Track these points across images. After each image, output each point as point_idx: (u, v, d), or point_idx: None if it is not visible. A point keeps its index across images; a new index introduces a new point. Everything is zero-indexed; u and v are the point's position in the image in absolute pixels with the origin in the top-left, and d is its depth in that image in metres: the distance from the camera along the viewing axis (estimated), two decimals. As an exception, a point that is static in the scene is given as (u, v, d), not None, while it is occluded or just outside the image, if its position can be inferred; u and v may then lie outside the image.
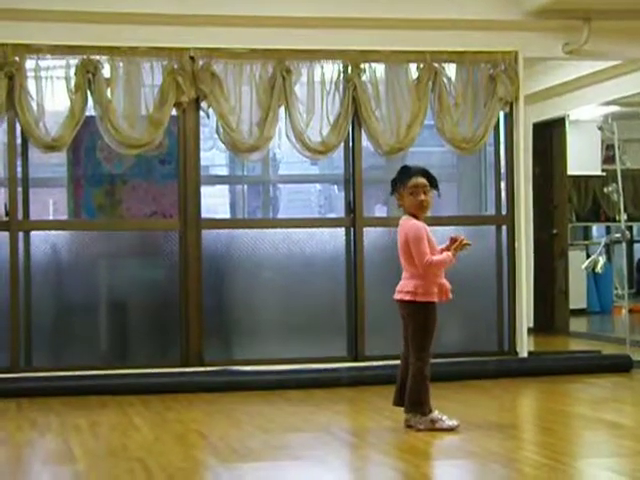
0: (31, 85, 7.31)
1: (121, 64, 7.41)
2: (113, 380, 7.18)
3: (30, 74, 7.31)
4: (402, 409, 5.65)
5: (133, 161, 7.90)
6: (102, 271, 7.88)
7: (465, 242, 5.68)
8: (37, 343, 7.56)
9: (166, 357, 7.74)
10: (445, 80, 7.84)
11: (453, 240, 5.68)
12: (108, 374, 7.26)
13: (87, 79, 7.32)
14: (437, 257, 5.60)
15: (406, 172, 5.72)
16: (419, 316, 5.62)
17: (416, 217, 5.68)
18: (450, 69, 7.90)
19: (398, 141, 7.76)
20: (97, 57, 7.35)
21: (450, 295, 5.70)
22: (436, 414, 5.56)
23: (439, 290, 5.64)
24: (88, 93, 7.34)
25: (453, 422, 5.55)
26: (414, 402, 5.59)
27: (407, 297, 5.64)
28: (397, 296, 5.72)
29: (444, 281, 5.67)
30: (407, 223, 5.67)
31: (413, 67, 7.82)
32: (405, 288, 5.66)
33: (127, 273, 7.77)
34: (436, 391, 6.55)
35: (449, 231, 6.50)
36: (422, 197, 5.66)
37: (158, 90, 7.45)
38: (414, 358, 5.63)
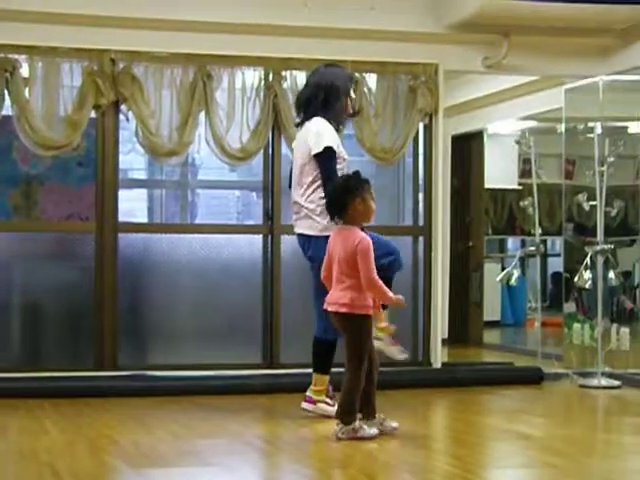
0: (-54, 82, 7.19)
1: (40, 64, 7.32)
2: (24, 383, 7.08)
3: (-55, 71, 7.20)
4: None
5: (50, 162, 7.80)
6: (16, 273, 7.78)
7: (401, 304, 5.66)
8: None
9: (79, 361, 7.65)
10: (366, 90, 7.88)
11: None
12: (19, 377, 7.15)
13: (4, 78, 7.22)
14: (381, 283, 5.52)
15: (360, 180, 5.59)
16: (355, 328, 5.58)
17: (361, 227, 5.60)
18: (371, 79, 7.94)
19: (318, 149, 7.76)
20: (15, 56, 7.25)
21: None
22: (357, 423, 5.55)
23: (373, 302, 5.62)
24: (5, 92, 7.24)
25: (374, 430, 5.55)
26: (346, 411, 5.56)
27: (343, 309, 5.54)
28: (331, 308, 5.59)
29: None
30: (356, 234, 5.52)
31: (334, 76, 7.83)
32: (341, 300, 5.54)
33: (42, 275, 7.67)
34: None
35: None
36: (373, 205, 5.60)
37: (77, 92, 7.38)
38: (352, 368, 5.54)
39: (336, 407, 5.68)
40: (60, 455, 5.12)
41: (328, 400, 6.20)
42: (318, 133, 6.15)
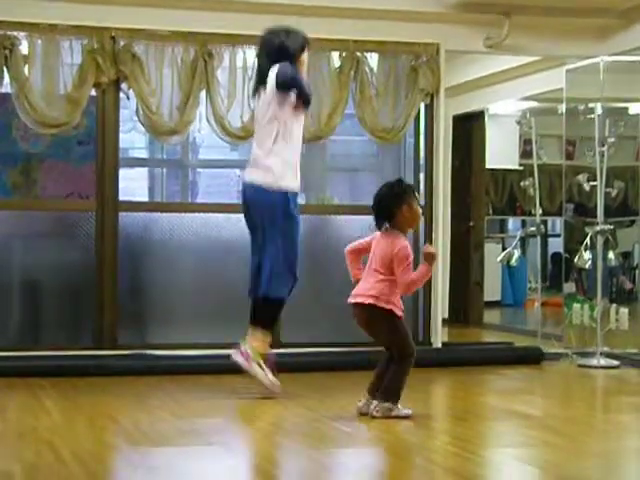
0: (-54, 59, 7.17)
1: (39, 41, 7.29)
2: (23, 362, 7.08)
3: (-56, 48, 7.18)
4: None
5: (50, 140, 7.79)
6: (16, 251, 7.77)
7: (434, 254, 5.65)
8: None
9: (79, 339, 7.66)
10: (367, 70, 7.86)
11: (428, 254, 5.58)
12: (18, 355, 7.16)
13: (3, 55, 7.19)
14: (416, 273, 5.53)
15: (405, 186, 5.67)
16: (381, 321, 5.56)
17: (403, 232, 5.65)
18: (372, 59, 7.92)
19: (319, 129, 7.77)
20: (14, 33, 7.23)
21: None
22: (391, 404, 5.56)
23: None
24: (4, 70, 7.22)
25: (407, 410, 5.56)
26: (390, 391, 5.55)
27: (369, 300, 5.54)
28: (358, 299, 5.59)
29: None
30: (399, 240, 5.57)
31: (335, 55, 7.83)
32: (369, 292, 5.55)
33: (41, 254, 7.66)
34: (351, 381, 6.61)
35: (367, 220, 6.44)
36: (420, 210, 5.71)
37: (77, 69, 7.35)
38: (398, 360, 5.58)
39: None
40: (60, 434, 5.12)
41: (264, 366, 6.15)
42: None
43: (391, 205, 5.61)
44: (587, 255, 8.08)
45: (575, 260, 8.22)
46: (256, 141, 6.34)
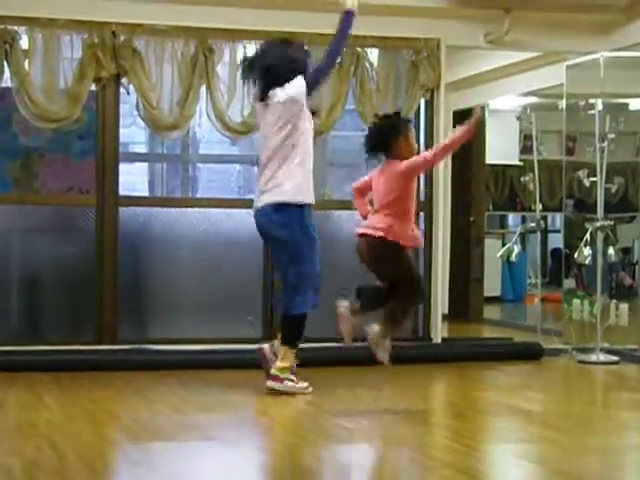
0: (-54, 54, 7.17)
1: (40, 36, 7.28)
2: (23, 356, 7.09)
3: (-56, 42, 7.17)
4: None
5: (50, 135, 7.78)
6: (16, 246, 7.77)
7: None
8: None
9: (79, 334, 7.66)
10: (367, 65, 7.86)
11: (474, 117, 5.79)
12: (18, 350, 7.16)
13: (4, 50, 7.19)
14: (448, 138, 5.82)
15: (402, 120, 5.83)
16: (389, 253, 5.70)
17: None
18: (373, 54, 7.92)
19: (319, 124, 7.76)
20: (15, 27, 7.22)
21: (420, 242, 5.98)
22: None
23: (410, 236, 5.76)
24: (5, 64, 7.21)
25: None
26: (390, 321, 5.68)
27: (379, 233, 5.67)
28: (368, 231, 5.73)
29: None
30: (397, 163, 5.70)
31: (336, 51, 7.81)
32: (379, 224, 5.69)
33: (42, 248, 7.67)
34: (350, 376, 6.61)
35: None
36: (415, 144, 5.85)
37: (77, 64, 7.35)
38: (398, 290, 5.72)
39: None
40: (59, 429, 5.13)
41: (293, 377, 6.18)
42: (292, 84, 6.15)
43: (388, 136, 5.67)
44: (587, 251, 8.08)
45: (575, 256, 8.22)
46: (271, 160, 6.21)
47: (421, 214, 8.12)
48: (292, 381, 6.14)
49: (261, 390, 6.14)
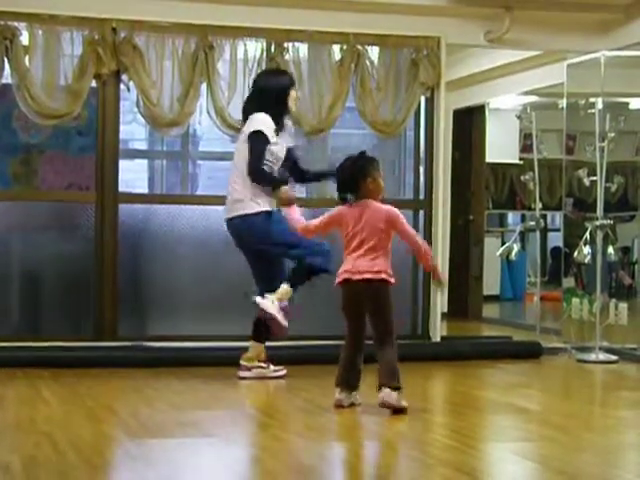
0: (-54, 50, 7.16)
1: (40, 32, 7.28)
2: (23, 352, 7.09)
3: (-55, 39, 7.17)
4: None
5: (51, 131, 7.78)
6: (16, 242, 7.77)
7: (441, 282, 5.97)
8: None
9: (79, 331, 7.66)
10: (368, 63, 7.86)
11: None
12: (18, 346, 7.16)
13: (4, 46, 7.18)
14: (424, 246, 5.73)
15: (368, 160, 5.69)
16: (388, 296, 5.60)
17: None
18: (373, 52, 7.91)
19: (319, 122, 7.77)
20: (15, 24, 7.22)
21: None
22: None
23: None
24: (5, 60, 7.21)
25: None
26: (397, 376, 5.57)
27: (382, 275, 5.56)
28: (367, 275, 5.56)
29: None
30: (381, 206, 5.63)
31: (336, 48, 7.82)
32: (375, 268, 5.55)
33: (41, 245, 7.67)
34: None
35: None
36: (382, 183, 5.74)
37: (78, 61, 7.34)
38: (390, 340, 5.60)
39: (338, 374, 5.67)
40: (59, 425, 5.13)
41: (261, 364, 6.56)
42: (255, 119, 6.54)
43: (356, 178, 5.63)
44: (586, 250, 8.08)
45: (574, 255, 8.22)
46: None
47: (420, 212, 8.13)
48: (262, 367, 6.51)
49: (259, 387, 6.15)
